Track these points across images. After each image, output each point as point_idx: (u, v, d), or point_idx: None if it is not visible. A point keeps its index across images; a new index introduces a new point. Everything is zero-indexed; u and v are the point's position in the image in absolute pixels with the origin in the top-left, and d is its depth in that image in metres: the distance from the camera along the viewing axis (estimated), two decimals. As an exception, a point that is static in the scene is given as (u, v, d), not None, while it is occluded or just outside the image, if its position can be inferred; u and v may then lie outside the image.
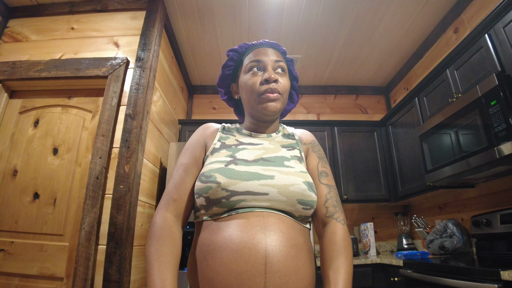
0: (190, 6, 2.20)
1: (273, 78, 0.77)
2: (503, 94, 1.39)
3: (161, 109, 2.20)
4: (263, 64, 0.80)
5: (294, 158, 0.79)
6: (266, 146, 0.80)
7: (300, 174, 0.72)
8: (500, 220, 1.68)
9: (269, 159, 0.75)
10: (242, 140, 0.82)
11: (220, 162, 0.72)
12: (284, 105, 0.82)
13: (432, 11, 2.27)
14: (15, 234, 1.63)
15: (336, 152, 2.72)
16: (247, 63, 0.82)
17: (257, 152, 0.77)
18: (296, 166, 0.76)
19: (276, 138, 0.86)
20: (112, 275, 1.45)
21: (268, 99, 0.77)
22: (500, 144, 1.38)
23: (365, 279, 2.12)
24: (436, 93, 2.03)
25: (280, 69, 0.81)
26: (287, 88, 0.81)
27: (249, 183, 0.67)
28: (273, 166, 0.73)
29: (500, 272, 1.17)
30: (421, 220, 2.44)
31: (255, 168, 0.71)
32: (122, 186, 1.59)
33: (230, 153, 0.76)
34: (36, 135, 1.82)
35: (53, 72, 1.84)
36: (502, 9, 1.48)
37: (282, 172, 0.71)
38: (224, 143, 0.81)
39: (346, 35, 2.53)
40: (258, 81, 0.78)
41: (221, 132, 0.86)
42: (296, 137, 0.89)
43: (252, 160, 0.74)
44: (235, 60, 0.88)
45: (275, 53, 0.83)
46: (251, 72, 0.80)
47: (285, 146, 0.83)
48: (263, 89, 0.77)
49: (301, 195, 0.68)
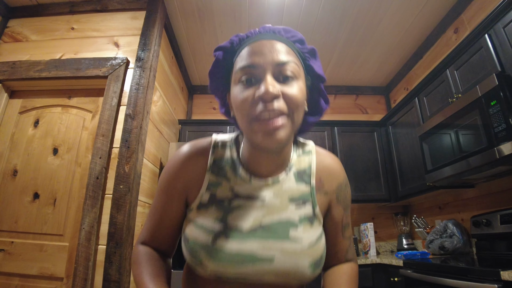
0: (190, 6, 2.20)
1: (271, 95, 0.49)
2: (503, 94, 1.39)
3: (161, 109, 2.20)
4: (258, 71, 0.52)
5: (304, 221, 0.60)
6: (269, 203, 0.60)
7: (307, 252, 0.57)
8: (500, 220, 1.68)
9: (270, 226, 0.58)
10: (238, 189, 0.60)
11: (207, 231, 0.57)
12: (296, 126, 0.55)
13: (432, 11, 2.27)
14: (15, 234, 1.63)
15: (336, 152, 2.71)
16: (236, 69, 0.56)
17: (256, 214, 0.58)
18: (305, 236, 0.58)
19: (285, 183, 0.62)
20: (112, 275, 1.45)
21: (265, 129, 0.50)
22: (500, 144, 1.38)
23: (365, 279, 2.12)
24: (436, 93, 2.02)
25: (287, 73, 0.53)
26: (299, 101, 0.53)
27: (242, 269, 0.54)
28: (275, 240, 0.56)
29: (500, 272, 1.17)
30: (421, 220, 2.44)
31: (251, 244, 0.55)
32: (122, 186, 1.59)
33: (221, 215, 0.58)
34: (36, 135, 1.82)
35: (53, 72, 1.84)
36: (502, 9, 1.48)
37: (285, 252, 0.56)
38: (214, 195, 0.60)
39: (346, 35, 2.53)
40: (250, 99, 0.52)
41: (211, 169, 0.62)
42: (313, 181, 0.64)
43: (249, 230, 0.57)
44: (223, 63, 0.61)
45: (279, 48, 0.54)
46: (240, 86, 0.54)
47: (294, 199, 0.61)
48: (256, 112, 0.51)
49: (301, 279, 0.57)
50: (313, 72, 0.60)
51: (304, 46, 0.59)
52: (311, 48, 0.60)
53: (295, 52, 0.57)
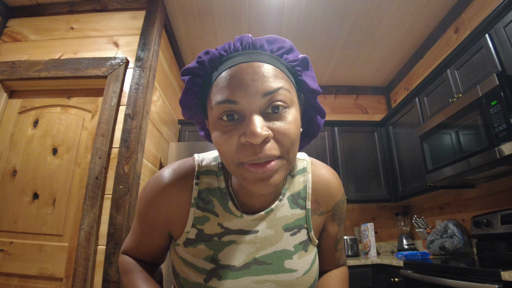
0: (190, 6, 2.20)
1: (260, 138, 0.41)
2: (503, 94, 1.39)
3: (160, 109, 2.20)
4: (240, 107, 0.43)
5: (299, 249, 0.57)
6: (263, 235, 0.55)
7: (302, 280, 0.55)
8: (501, 221, 1.68)
9: (264, 260, 0.54)
10: (227, 224, 0.54)
11: (198, 271, 0.53)
12: (292, 164, 0.47)
13: (433, 11, 2.27)
14: (14, 234, 1.63)
15: (337, 152, 2.71)
16: (213, 104, 0.45)
17: (249, 249, 0.54)
18: (300, 264, 0.56)
19: (279, 211, 0.57)
20: (112, 275, 1.45)
21: (257, 176, 0.43)
22: (500, 144, 1.38)
23: (365, 279, 2.12)
24: (437, 93, 2.02)
25: (277, 103, 0.43)
26: (294, 137, 0.45)
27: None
28: (269, 275, 0.54)
29: (500, 273, 1.16)
30: (422, 221, 2.43)
31: (244, 282, 0.53)
32: (121, 186, 1.59)
33: (211, 253, 0.53)
34: (35, 135, 1.81)
35: (53, 72, 1.84)
36: (503, 9, 1.47)
37: (280, 284, 0.54)
38: (201, 230, 0.54)
39: (347, 35, 2.52)
40: (233, 145, 0.43)
41: (196, 205, 0.55)
42: (308, 204, 0.59)
43: (242, 266, 0.53)
44: (195, 89, 0.50)
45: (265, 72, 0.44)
46: (220, 125, 0.45)
47: (289, 228, 0.57)
48: (244, 158, 0.43)
49: None
50: (306, 88, 0.51)
51: (294, 56, 0.50)
52: (302, 58, 0.50)
53: (284, 70, 0.47)
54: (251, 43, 0.47)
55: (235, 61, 0.45)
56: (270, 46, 0.48)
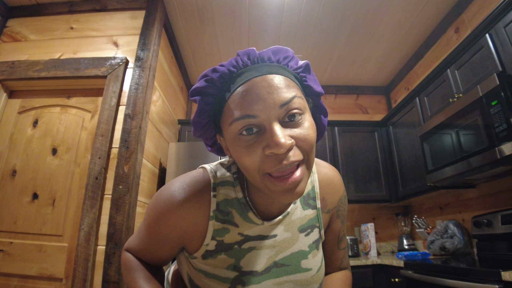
0: (190, 5, 2.19)
1: (286, 147, 0.42)
2: (504, 94, 1.38)
3: (160, 109, 2.19)
4: (260, 121, 0.44)
5: (313, 248, 0.60)
6: (281, 238, 0.57)
7: (316, 277, 0.59)
8: (501, 221, 1.67)
9: (283, 262, 0.57)
10: (247, 232, 0.55)
11: (221, 281, 0.53)
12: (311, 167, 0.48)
13: (433, 10, 2.26)
14: (14, 234, 1.63)
15: (337, 152, 2.71)
16: (231, 121, 0.45)
17: (269, 253, 0.56)
18: (314, 263, 0.59)
19: (294, 213, 0.59)
20: (111, 275, 1.45)
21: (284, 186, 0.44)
22: (501, 144, 1.37)
23: (365, 280, 2.11)
24: (437, 93, 2.02)
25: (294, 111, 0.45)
26: (313, 140, 0.46)
27: None
28: (288, 275, 0.57)
29: (501, 273, 1.16)
30: (422, 221, 2.43)
31: (267, 285, 0.55)
32: (121, 186, 1.58)
33: (233, 262, 0.54)
34: (35, 135, 1.81)
35: (52, 72, 1.83)
36: (503, 9, 1.47)
37: (298, 283, 0.57)
38: (221, 241, 0.54)
39: (347, 35, 2.52)
40: (257, 157, 0.44)
41: (215, 217, 0.54)
42: (318, 203, 0.62)
43: (263, 270, 0.55)
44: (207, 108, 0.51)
45: (278, 84, 0.45)
46: (240, 139, 0.45)
47: (304, 229, 0.60)
48: (271, 169, 0.44)
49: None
50: (312, 92, 0.52)
51: (296, 62, 0.51)
52: (305, 65, 0.51)
53: (293, 79, 0.48)
54: (258, 57, 0.48)
55: (248, 76, 0.46)
56: (276, 56, 0.49)
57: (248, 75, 0.46)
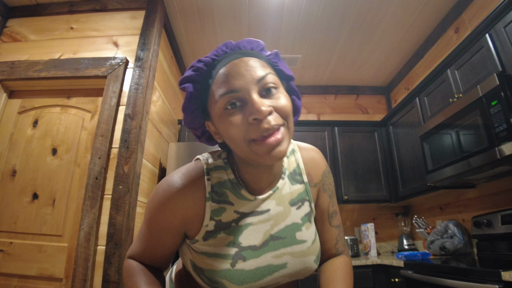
0: (190, 5, 2.19)
1: (265, 113, 0.48)
2: (504, 94, 1.38)
3: (160, 109, 2.19)
4: (242, 93, 0.50)
5: (305, 220, 0.64)
6: (274, 212, 0.61)
7: (312, 249, 0.62)
8: (501, 221, 1.67)
9: (279, 235, 0.61)
10: (243, 209, 0.60)
11: (223, 258, 0.57)
12: (292, 133, 0.55)
13: (433, 10, 2.26)
14: (14, 234, 1.63)
15: (337, 152, 2.71)
16: (216, 98, 0.52)
17: (265, 228, 0.60)
18: (308, 235, 0.63)
19: (284, 188, 0.64)
20: (111, 275, 1.45)
21: (268, 147, 0.50)
22: (501, 145, 1.37)
23: (365, 280, 2.11)
24: (437, 93, 2.02)
25: (269, 85, 0.52)
26: (289, 109, 0.53)
27: (263, 281, 0.58)
28: (285, 247, 0.60)
29: (501, 273, 1.16)
30: (422, 221, 2.43)
31: (266, 258, 0.58)
32: (121, 186, 1.58)
33: (232, 239, 0.58)
34: (35, 135, 1.81)
35: (52, 72, 1.83)
36: (503, 9, 1.47)
37: (295, 255, 0.60)
38: (219, 221, 0.58)
39: (347, 35, 2.52)
40: (242, 126, 0.50)
41: (211, 198, 0.59)
42: (305, 178, 0.67)
43: (261, 244, 0.59)
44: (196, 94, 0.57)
45: (254, 64, 0.53)
46: (226, 113, 0.52)
47: (294, 202, 0.64)
48: (255, 133, 0.50)
49: (309, 273, 0.63)
50: (284, 75, 0.60)
51: (269, 52, 0.60)
52: (275, 53, 0.61)
53: (266, 61, 0.57)
54: (235, 45, 0.57)
55: (227, 60, 0.54)
56: (250, 45, 0.58)
57: (228, 59, 0.54)
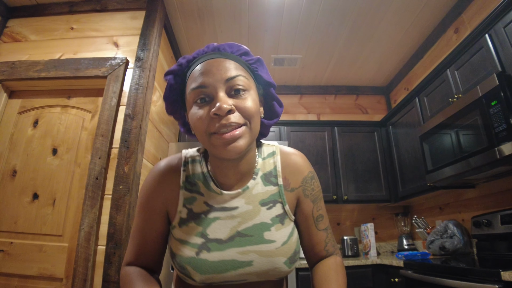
0: (190, 6, 2.20)
1: (224, 110, 0.53)
2: (503, 94, 1.39)
3: (160, 109, 2.20)
4: (210, 90, 0.56)
5: (276, 222, 0.64)
6: (242, 210, 0.63)
7: (281, 250, 0.62)
8: (501, 221, 1.67)
9: (246, 232, 0.62)
10: (212, 202, 0.64)
11: (190, 246, 0.61)
12: (255, 133, 0.60)
13: (433, 11, 2.27)
14: (14, 234, 1.63)
15: (336, 152, 2.71)
16: (188, 91, 0.59)
17: (232, 223, 0.62)
18: (278, 235, 0.63)
19: (254, 188, 0.65)
20: (112, 275, 1.45)
21: (224, 141, 0.54)
22: (500, 145, 1.38)
23: (365, 280, 2.12)
24: (437, 93, 2.02)
25: (238, 87, 0.57)
26: (253, 111, 0.57)
27: (227, 275, 0.60)
28: (252, 245, 0.61)
29: (500, 273, 1.16)
30: (422, 221, 2.43)
31: (230, 252, 0.60)
32: (121, 186, 1.58)
33: (200, 229, 0.62)
34: (35, 135, 1.81)
35: (53, 72, 1.84)
36: (503, 9, 1.47)
37: (262, 254, 0.60)
38: (191, 209, 0.64)
39: (347, 35, 2.52)
40: (206, 120, 0.55)
41: (185, 187, 0.65)
42: (280, 180, 0.67)
43: (227, 239, 0.61)
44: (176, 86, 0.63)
45: (227, 64, 0.58)
46: (195, 106, 0.57)
47: (265, 202, 0.65)
48: (214, 127, 0.55)
49: (280, 275, 0.63)
50: (263, 81, 0.65)
51: (250, 57, 0.64)
52: (256, 59, 0.64)
53: (243, 65, 0.61)
54: (216, 47, 0.62)
55: (205, 59, 0.59)
56: (231, 49, 0.62)
57: (205, 58, 0.60)
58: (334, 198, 2.56)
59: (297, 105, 3.31)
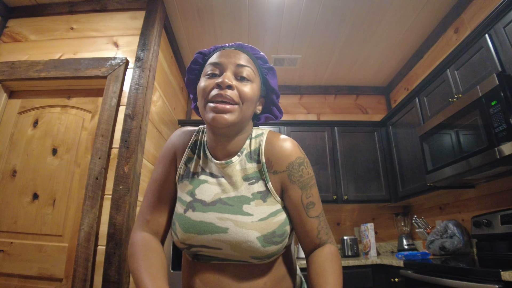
0: (190, 6, 2.20)
1: (225, 83, 0.63)
2: (503, 94, 1.39)
3: (160, 109, 2.20)
4: (222, 67, 0.68)
5: (257, 197, 0.67)
6: (226, 181, 0.70)
7: (257, 225, 0.63)
8: (501, 221, 1.67)
9: (227, 201, 0.67)
10: (204, 166, 0.73)
11: (181, 203, 0.70)
12: (245, 116, 0.68)
13: (433, 11, 2.27)
14: (14, 234, 1.63)
15: (336, 152, 2.71)
16: (206, 66, 0.71)
17: (216, 190, 0.69)
18: (256, 211, 0.65)
19: (238, 164, 0.71)
20: (112, 275, 1.45)
21: (215, 109, 0.63)
22: (500, 145, 1.38)
23: (365, 279, 2.12)
24: (437, 93, 2.02)
25: (243, 74, 0.67)
26: (249, 96, 0.66)
27: (204, 237, 0.64)
28: (230, 214, 0.65)
29: (500, 273, 1.16)
30: (422, 221, 2.43)
31: (211, 216, 0.65)
32: (121, 186, 1.58)
33: (191, 188, 0.71)
34: (35, 136, 1.81)
35: (53, 72, 1.84)
36: (503, 9, 1.47)
37: (237, 224, 0.63)
38: (188, 168, 0.74)
39: (347, 35, 2.52)
40: (210, 86, 0.66)
41: (191, 147, 0.76)
42: (263, 158, 0.71)
43: (210, 203, 0.67)
44: (200, 63, 0.75)
45: (243, 57, 0.69)
46: (207, 76, 0.68)
47: (247, 178, 0.70)
48: (212, 95, 0.65)
49: (254, 252, 0.63)
50: (268, 85, 0.76)
51: (265, 64, 0.74)
52: (270, 67, 0.75)
53: (255, 63, 0.72)
54: (239, 44, 0.73)
55: (227, 48, 0.73)
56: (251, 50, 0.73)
57: (229, 47, 0.73)
58: (334, 198, 2.56)
59: (297, 105, 3.31)
